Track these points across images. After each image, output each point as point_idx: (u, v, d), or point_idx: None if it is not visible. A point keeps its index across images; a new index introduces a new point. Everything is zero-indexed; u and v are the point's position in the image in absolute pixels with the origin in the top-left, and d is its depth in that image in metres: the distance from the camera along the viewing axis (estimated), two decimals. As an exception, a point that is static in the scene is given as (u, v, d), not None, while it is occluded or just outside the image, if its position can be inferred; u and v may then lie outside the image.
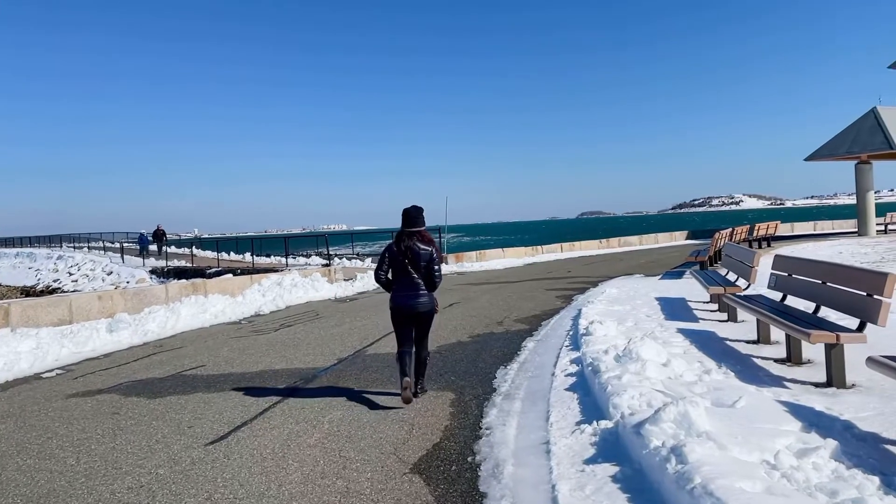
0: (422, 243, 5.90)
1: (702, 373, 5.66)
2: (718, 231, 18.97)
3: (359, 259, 29.06)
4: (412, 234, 5.92)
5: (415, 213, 5.96)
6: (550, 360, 7.35)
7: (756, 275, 8.58)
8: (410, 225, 5.94)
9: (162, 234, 38.96)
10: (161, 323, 11.96)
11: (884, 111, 28.10)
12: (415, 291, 5.91)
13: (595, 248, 31.25)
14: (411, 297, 5.90)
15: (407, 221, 5.96)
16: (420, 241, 5.90)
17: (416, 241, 5.89)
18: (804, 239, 28.69)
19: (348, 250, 33.77)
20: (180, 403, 6.55)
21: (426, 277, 5.92)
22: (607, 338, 7.37)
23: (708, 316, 9.34)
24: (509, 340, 8.89)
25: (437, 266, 5.96)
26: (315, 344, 9.53)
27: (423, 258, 5.87)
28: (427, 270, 5.90)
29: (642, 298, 11.47)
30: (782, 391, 5.24)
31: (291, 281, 16.99)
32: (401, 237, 5.93)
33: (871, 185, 28.12)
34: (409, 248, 5.85)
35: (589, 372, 5.99)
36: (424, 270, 5.89)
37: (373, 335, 10.01)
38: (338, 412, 5.84)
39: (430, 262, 5.89)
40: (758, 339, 7.36)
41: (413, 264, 5.87)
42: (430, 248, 5.94)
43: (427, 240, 5.96)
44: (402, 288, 5.94)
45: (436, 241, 6.26)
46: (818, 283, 6.39)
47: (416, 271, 5.88)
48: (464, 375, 7.00)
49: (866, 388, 5.29)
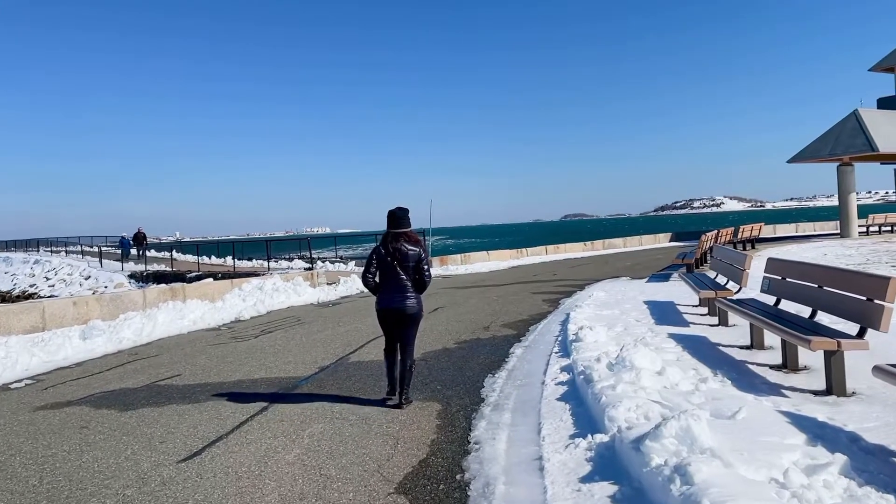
0: (409, 244, 5.82)
1: (698, 381, 5.45)
2: (705, 233, 18.90)
3: (342, 262, 28.69)
4: (399, 235, 5.83)
5: (400, 214, 5.89)
6: (540, 367, 7.11)
7: (747, 278, 8.42)
8: (396, 226, 5.85)
9: (143, 237, 38.29)
10: (137, 330, 11.58)
11: (865, 113, 28.29)
12: (402, 294, 5.80)
13: (580, 251, 31.15)
14: (399, 300, 5.80)
15: (393, 222, 5.87)
16: (407, 242, 5.82)
17: (403, 242, 5.80)
18: (787, 241, 28.79)
19: (332, 253, 33.40)
20: (153, 416, 6.23)
21: (415, 279, 5.85)
22: (598, 344, 7.16)
23: (698, 320, 9.17)
24: (496, 346, 8.65)
25: (426, 266, 5.88)
26: (296, 351, 9.23)
27: (411, 259, 5.79)
28: (416, 271, 5.83)
29: (631, 302, 11.29)
30: (782, 400, 5.05)
31: (273, 285, 16.65)
32: (387, 239, 5.84)
33: (853, 186, 28.30)
34: (396, 250, 5.76)
35: (581, 381, 5.76)
36: (413, 271, 5.82)
37: (356, 341, 9.72)
38: (319, 425, 5.56)
39: (418, 262, 5.82)
40: (751, 345, 7.19)
41: (401, 266, 5.78)
42: (418, 248, 5.86)
43: (414, 240, 5.89)
44: (389, 290, 5.83)
45: (423, 241, 6.11)
46: (814, 286, 6.22)
47: (404, 273, 5.79)
48: (450, 384, 6.74)
49: (867, 396, 5.11)
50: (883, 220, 29.36)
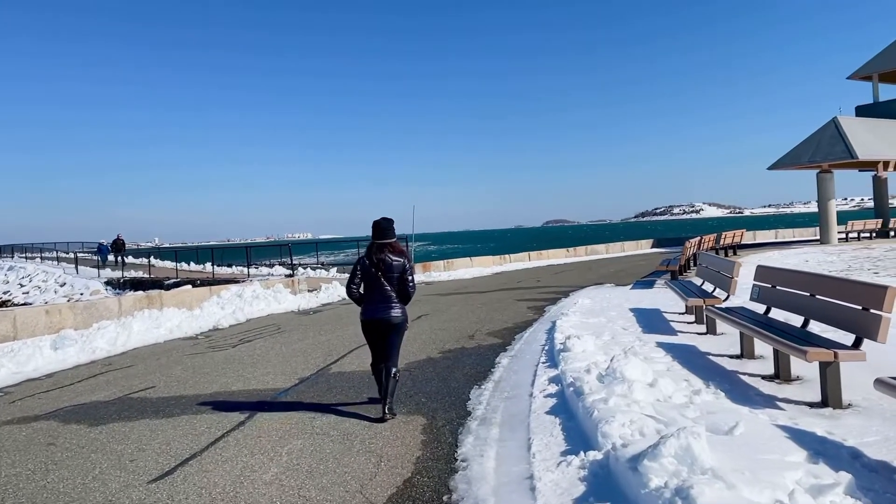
0: (393, 254, 5.81)
1: (691, 393, 5.29)
2: (689, 240, 18.89)
3: (324, 269, 28.37)
4: (383, 245, 5.82)
5: (385, 225, 5.88)
6: (527, 378, 6.92)
7: (735, 286, 8.31)
8: (381, 236, 5.84)
9: (122, 244, 37.60)
10: (111, 339, 11.23)
11: (844, 121, 28.59)
12: (387, 304, 5.78)
13: (563, 257, 31.10)
14: (383, 310, 5.77)
15: (378, 233, 5.86)
16: (392, 253, 5.81)
17: (387, 252, 5.79)
18: (768, 247, 28.98)
19: (313, 260, 33.03)
20: (124, 432, 5.95)
21: (400, 289, 5.82)
22: (586, 354, 6.99)
23: (686, 328, 9.05)
24: (482, 356, 8.45)
25: (410, 277, 5.87)
26: (275, 361, 8.96)
27: (395, 270, 5.78)
28: (400, 282, 5.81)
29: (616, 310, 11.16)
30: (778, 413, 4.90)
31: (252, 292, 16.32)
32: (372, 249, 5.83)
33: (832, 193, 28.53)
34: (381, 261, 5.76)
35: (571, 393, 5.57)
36: (398, 282, 5.80)
37: (338, 351, 9.47)
38: (298, 441, 5.31)
39: (403, 273, 5.81)
40: (741, 354, 7.06)
41: (386, 276, 5.76)
42: (402, 258, 5.85)
43: (398, 251, 5.88)
44: (374, 301, 5.81)
45: (407, 251, 5.99)
46: (806, 295, 6.10)
47: (388, 283, 5.78)
48: (435, 396, 6.52)
49: (864, 408, 4.98)
50: (862, 227, 29.64)
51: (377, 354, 5.93)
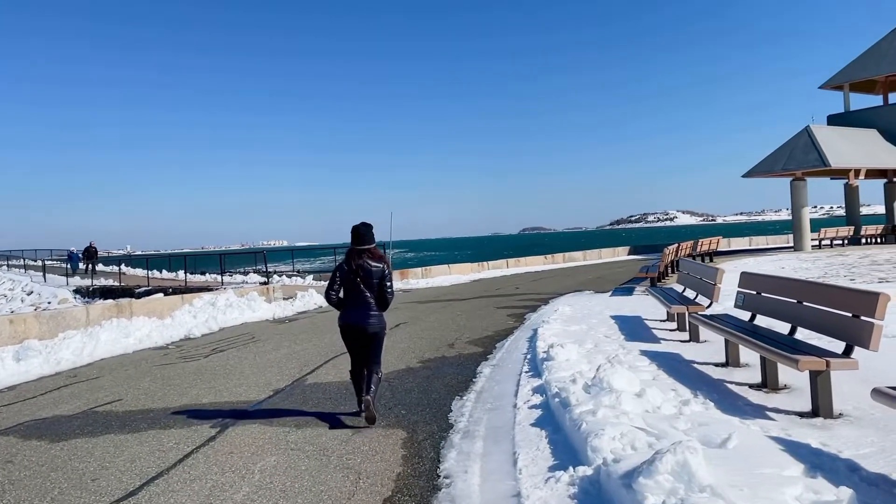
0: (372, 260, 5.78)
1: (680, 404, 5.14)
2: (667, 247, 18.90)
3: (299, 276, 27.95)
4: (362, 251, 5.79)
5: (364, 231, 5.85)
6: (510, 388, 6.72)
7: (719, 293, 8.22)
8: (360, 242, 5.81)
9: (94, 251, 36.64)
10: (77, 350, 10.81)
11: (817, 129, 29.00)
12: (366, 311, 5.75)
13: (541, 264, 31.06)
14: (362, 317, 5.74)
15: (356, 239, 5.83)
16: (371, 259, 5.78)
17: (366, 258, 5.77)
18: (743, 254, 29.22)
19: (288, 267, 32.58)
20: (87, 448, 5.63)
21: (378, 295, 5.80)
22: (570, 363, 6.82)
23: (668, 336, 8.94)
24: (463, 366, 8.23)
25: (389, 283, 5.84)
26: (249, 372, 8.66)
27: (374, 275, 5.75)
28: (379, 288, 5.78)
29: (597, 317, 11.04)
30: (769, 424, 4.76)
31: (226, 301, 15.93)
32: (351, 255, 5.80)
33: (805, 201, 28.90)
34: (359, 266, 5.73)
35: (556, 404, 5.38)
36: (377, 288, 5.77)
37: (313, 361, 9.19)
38: (272, 458, 5.05)
39: (381, 279, 5.78)
40: (727, 362, 6.94)
41: (365, 282, 5.74)
42: (381, 264, 5.82)
43: (377, 256, 5.85)
44: (352, 307, 5.78)
45: (386, 257, 6.10)
46: (793, 302, 6.00)
47: (368, 289, 5.75)
48: (415, 408, 6.29)
49: (855, 417, 4.87)
50: (834, 234, 30.04)
51: (356, 361, 5.91)
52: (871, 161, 29.25)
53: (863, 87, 34.06)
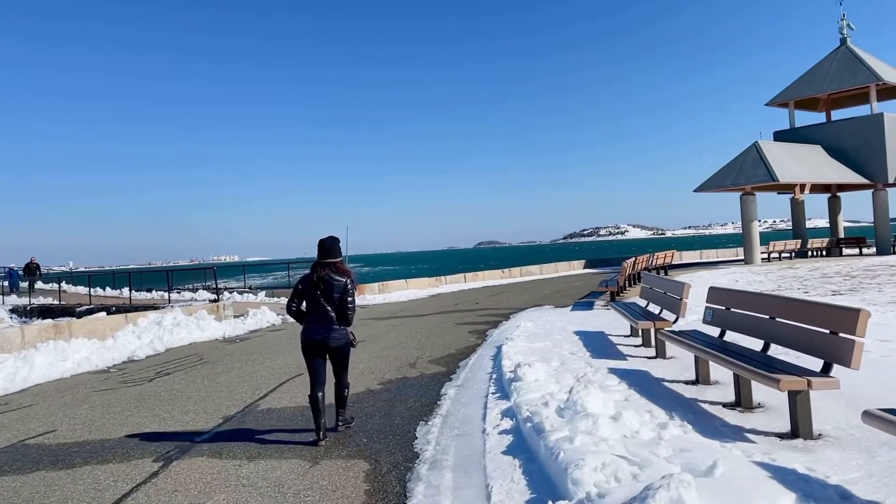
0: (336, 274, 5.72)
1: (657, 427, 4.89)
2: (626, 260, 18.95)
3: (251, 293, 27.13)
4: (327, 265, 5.73)
5: (330, 244, 5.80)
6: (478, 412, 6.39)
7: (686, 308, 8.08)
8: (326, 256, 5.74)
9: (36, 267, 34.82)
10: (9, 375, 10.03)
11: (765, 145, 29.77)
12: (327, 325, 5.68)
13: (498, 278, 30.92)
14: (323, 331, 5.68)
15: (322, 252, 5.77)
16: (335, 272, 5.71)
17: (330, 271, 5.70)
18: (696, 267, 29.66)
19: (240, 283, 31.66)
20: (14, 488, 5.08)
21: (339, 310, 5.70)
22: (539, 383, 6.54)
23: (634, 352, 8.77)
24: (426, 387, 7.86)
25: (350, 298, 5.75)
26: (196, 398, 8.11)
27: (336, 289, 5.68)
28: (340, 302, 5.69)
29: (561, 333, 10.83)
30: (751, 447, 4.55)
31: (173, 319, 15.19)
32: (315, 268, 5.75)
33: (755, 215, 29.56)
34: (321, 279, 5.67)
35: (529, 430, 5.08)
36: (338, 302, 5.68)
37: (267, 384, 8.69)
38: (221, 496, 4.60)
39: (343, 293, 5.69)
40: (697, 380, 6.77)
41: (326, 296, 5.67)
42: (345, 279, 5.74)
43: (342, 271, 5.78)
44: (313, 321, 5.73)
45: (352, 272, 5.94)
46: (765, 318, 5.86)
47: (329, 304, 5.68)
48: (377, 436, 5.89)
49: (836, 438, 4.71)
50: (783, 247, 30.79)
51: (315, 381, 5.73)
52: (816, 176, 30.15)
53: (806, 104, 35.21)
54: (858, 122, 31.77)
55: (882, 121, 30.68)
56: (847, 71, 32.11)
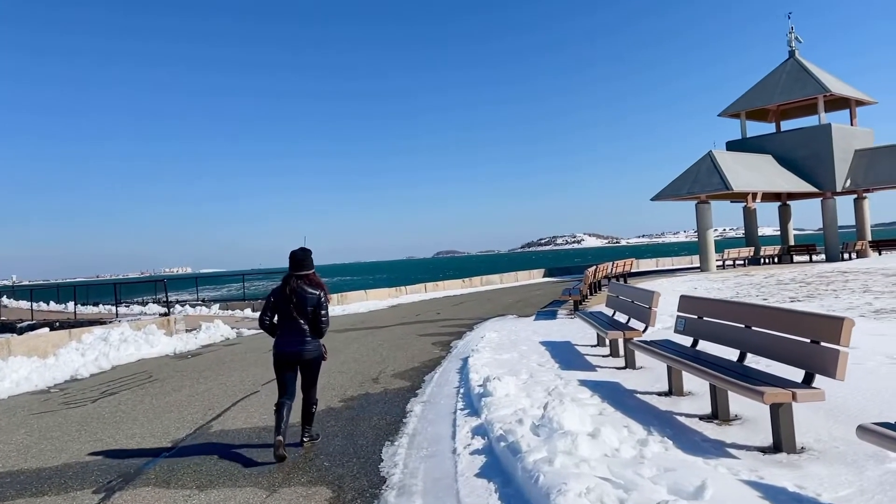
0: (309, 287, 5.65)
1: (638, 444, 4.66)
2: (588, 268, 18.91)
3: (204, 305, 26.28)
4: (300, 277, 5.66)
5: (302, 256, 5.72)
6: (446, 430, 6.06)
7: (655, 317, 7.93)
8: (298, 268, 5.67)
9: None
10: (-63, 398, 9.30)
11: (719, 154, 30.32)
12: (300, 338, 5.64)
13: (459, 288, 30.69)
14: (296, 344, 5.63)
15: (294, 265, 5.69)
16: (308, 285, 5.65)
17: (303, 283, 5.63)
18: (654, 275, 29.91)
19: (192, 296, 30.67)
20: (-69, 529, 4.54)
21: (312, 322, 5.66)
22: (510, 398, 6.26)
23: (602, 362, 8.58)
24: (390, 403, 7.49)
25: (324, 311, 5.70)
26: (144, 420, 7.59)
27: (309, 302, 5.61)
28: (314, 315, 5.64)
29: (527, 343, 10.60)
30: (735, 464, 4.35)
31: (120, 335, 14.47)
32: (287, 280, 5.66)
33: (710, 223, 30.03)
34: (293, 292, 5.59)
35: (503, 450, 4.78)
36: (311, 315, 5.63)
37: (220, 403, 8.21)
38: (168, 533, 4.17)
39: (317, 306, 5.63)
40: (670, 391, 6.59)
41: (299, 309, 5.60)
42: (319, 291, 5.68)
43: (315, 283, 5.70)
44: (286, 334, 5.66)
45: (325, 284, 5.86)
46: (740, 327, 5.71)
47: (301, 316, 5.62)
48: (340, 458, 5.51)
49: (820, 451, 4.54)
50: (737, 255, 31.35)
51: (284, 391, 5.70)
52: (767, 185, 30.83)
53: (757, 115, 36.10)
54: (807, 133, 32.69)
55: (830, 131, 31.63)
56: (796, 83, 33.05)
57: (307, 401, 5.87)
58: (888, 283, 15.97)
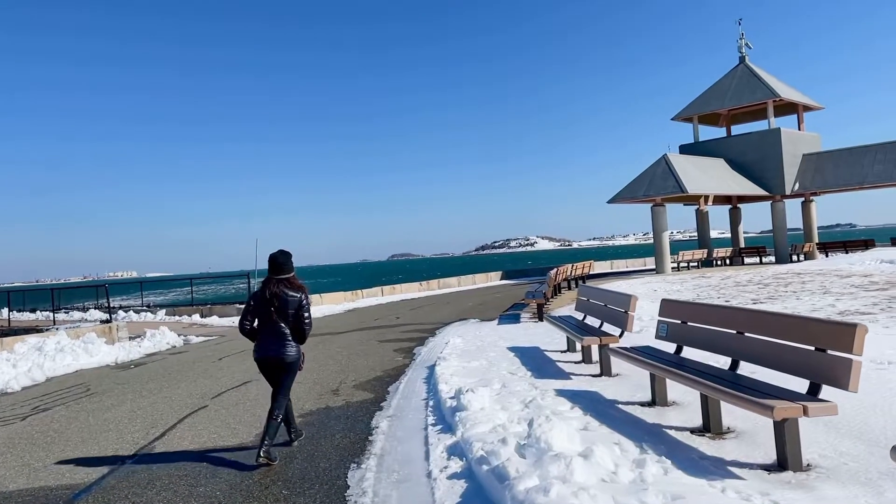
0: (290, 290, 5.54)
1: (634, 465, 4.22)
2: (550, 270, 18.62)
3: (150, 311, 25.05)
4: (280, 280, 5.55)
5: (282, 259, 5.60)
6: (418, 449, 5.51)
7: (633, 321, 7.57)
8: (278, 272, 5.57)
9: None
10: None
11: (673, 158, 30.59)
12: (281, 341, 5.52)
13: (416, 291, 30.13)
14: (278, 348, 5.51)
15: (274, 268, 5.59)
16: (288, 288, 5.53)
17: (284, 287, 5.52)
18: (610, 277, 29.96)
19: (138, 301, 29.31)
20: None
21: (294, 326, 5.55)
22: (486, 413, 5.77)
23: (576, 369, 8.18)
24: (353, 419, 6.89)
25: (307, 314, 5.58)
26: (78, 440, 6.83)
27: (291, 305, 5.50)
28: (296, 319, 5.54)
29: (494, 350, 10.14)
30: (743, 486, 3.96)
31: (57, 344, 13.47)
32: (267, 284, 5.56)
33: (665, 225, 30.26)
34: (274, 295, 5.48)
35: (487, 475, 4.28)
36: (293, 318, 5.53)
37: (165, 420, 7.50)
38: (98, 586, 3.53)
39: (298, 309, 5.53)
40: (653, 401, 6.21)
41: (280, 312, 5.50)
42: (300, 294, 5.56)
43: (296, 286, 5.59)
44: (267, 338, 5.55)
45: (306, 287, 5.72)
46: (732, 333, 5.37)
47: (282, 320, 5.52)
48: (301, 485, 4.92)
49: (827, 468, 4.20)
50: (691, 257, 31.68)
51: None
52: (720, 188, 31.27)
53: (709, 119, 36.67)
54: (757, 137, 33.31)
55: (779, 135, 32.29)
56: (746, 88, 33.66)
57: (271, 410, 5.55)
58: (844, 284, 16.12)
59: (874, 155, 31.31)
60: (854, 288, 15.00)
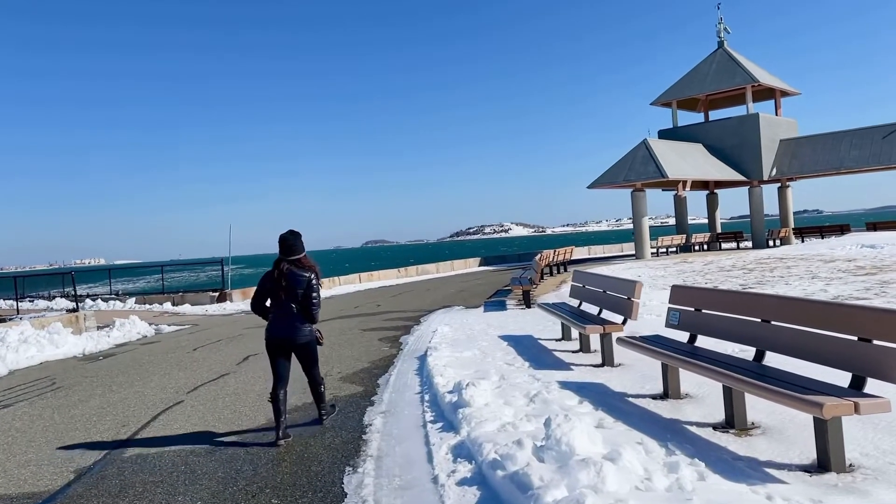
0: (300, 269, 5.51)
1: (666, 469, 3.83)
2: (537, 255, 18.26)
3: (119, 300, 24.19)
4: (290, 261, 5.53)
5: (292, 240, 5.58)
6: (419, 450, 5.03)
7: (638, 309, 7.19)
8: (288, 253, 5.54)
9: None
10: None
11: (653, 143, 30.39)
12: (290, 321, 5.54)
13: (395, 278, 29.61)
14: (288, 328, 5.54)
15: (284, 249, 5.57)
16: (298, 268, 5.51)
17: (293, 266, 5.50)
18: (591, 262, 29.72)
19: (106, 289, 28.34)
20: None
21: (303, 306, 5.53)
22: (491, 410, 5.34)
23: (575, 359, 7.79)
24: (344, 415, 6.37)
25: (315, 293, 5.54)
26: (42, 440, 6.26)
27: (300, 285, 5.48)
28: (304, 298, 5.50)
29: (485, 339, 9.72)
30: (788, 491, 3.58)
31: (20, 334, 12.73)
32: (278, 264, 5.54)
33: (645, 210, 30.09)
34: (283, 275, 5.47)
35: (504, 482, 3.84)
36: (302, 298, 5.51)
37: (137, 416, 6.94)
38: None
39: (307, 288, 5.49)
40: (665, 394, 5.84)
41: (289, 292, 5.49)
42: (309, 273, 5.52)
43: (307, 266, 5.55)
44: (278, 318, 5.58)
45: (317, 266, 5.65)
46: (756, 321, 5.00)
47: (292, 300, 5.51)
48: (292, 493, 4.43)
49: (873, 469, 3.85)
50: (670, 242, 31.60)
51: (279, 379, 5.64)
52: (699, 173, 31.16)
53: (687, 104, 36.52)
54: (735, 122, 33.26)
55: (757, 121, 32.25)
56: (725, 73, 33.54)
57: (313, 381, 5.86)
58: (831, 269, 16.02)
59: (851, 140, 31.47)
60: (842, 273, 14.88)
